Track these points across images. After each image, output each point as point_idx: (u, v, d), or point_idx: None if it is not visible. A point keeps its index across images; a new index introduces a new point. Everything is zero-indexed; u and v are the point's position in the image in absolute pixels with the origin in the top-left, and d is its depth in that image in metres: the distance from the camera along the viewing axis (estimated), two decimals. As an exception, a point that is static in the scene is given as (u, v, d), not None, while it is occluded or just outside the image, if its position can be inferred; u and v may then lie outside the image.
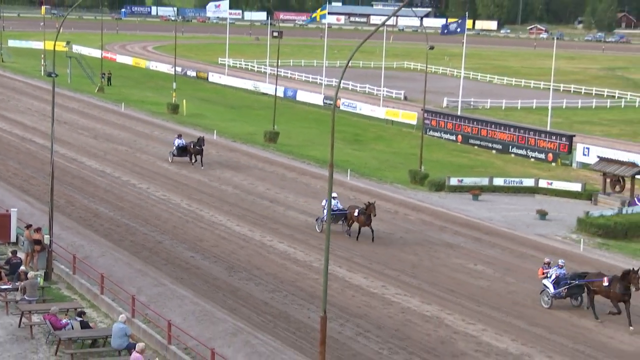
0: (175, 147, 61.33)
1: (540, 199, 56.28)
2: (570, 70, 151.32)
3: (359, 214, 43.63)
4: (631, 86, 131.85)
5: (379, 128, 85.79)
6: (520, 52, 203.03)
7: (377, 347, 30.75)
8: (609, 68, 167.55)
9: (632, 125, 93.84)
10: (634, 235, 48.20)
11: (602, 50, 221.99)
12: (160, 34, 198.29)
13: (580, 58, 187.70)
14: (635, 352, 31.36)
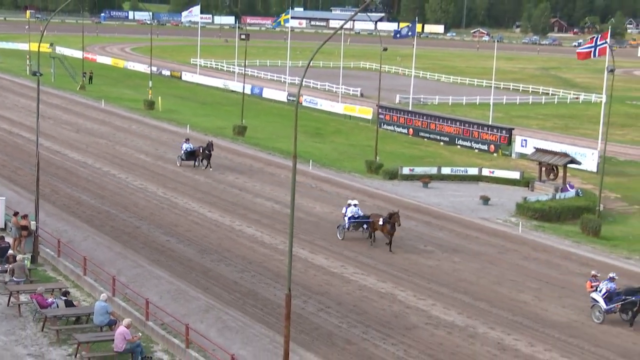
0: (183, 151, 57.31)
1: (483, 186, 56.50)
2: (509, 69, 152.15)
3: (384, 222, 39.97)
4: (563, 84, 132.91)
5: (338, 122, 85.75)
6: (464, 54, 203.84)
7: (337, 321, 30.75)
8: (544, 68, 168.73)
9: (564, 120, 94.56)
10: (566, 218, 48.69)
11: (537, 52, 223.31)
12: (137, 36, 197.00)
13: (518, 59, 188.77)
14: (567, 323, 31.72)
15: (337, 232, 41.85)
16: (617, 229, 47.69)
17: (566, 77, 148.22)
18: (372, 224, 40.84)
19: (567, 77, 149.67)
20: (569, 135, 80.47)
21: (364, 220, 41.45)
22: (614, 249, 43.14)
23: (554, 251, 42.05)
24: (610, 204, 53.38)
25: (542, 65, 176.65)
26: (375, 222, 40.51)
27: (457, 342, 29.34)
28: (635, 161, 69.86)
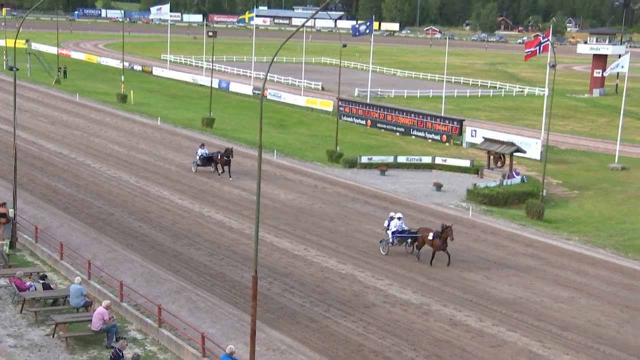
0: (198, 157, 52.47)
1: (436, 173, 56.77)
2: (460, 65, 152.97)
3: (435, 237, 35.65)
4: (509, 78, 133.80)
5: (300, 114, 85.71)
6: (418, 50, 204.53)
7: (301, 301, 30.77)
8: (491, 63, 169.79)
9: (510, 111, 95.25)
10: (512, 203, 49.11)
11: (486, 48, 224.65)
12: (109, 33, 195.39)
13: (468, 55, 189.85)
14: (513, 299, 31.96)
15: (380, 248, 37.41)
16: (558, 212, 48.21)
17: (512, 72, 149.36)
18: (420, 239, 36.47)
19: (512, 71, 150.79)
20: (515, 126, 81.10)
21: (412, 235, 37.07)
22: (556, 231, 43.59)
23: (501, 233, 42.39)
24: (553, 189, 53.92)
25: (490, 60, 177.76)
26: (424, 237, 36.19)
27: (412, 319, 29.49)
28: (575, 150, 70.55)
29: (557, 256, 38.48)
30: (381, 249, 37.39)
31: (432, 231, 36.03)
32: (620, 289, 34.24)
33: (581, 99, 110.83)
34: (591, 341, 28.34)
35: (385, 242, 37.21)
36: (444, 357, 26.39)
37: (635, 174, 60.80)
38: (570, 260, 38.03)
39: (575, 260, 37.97)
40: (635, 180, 58.38)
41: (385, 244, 37.27)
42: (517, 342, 27.90)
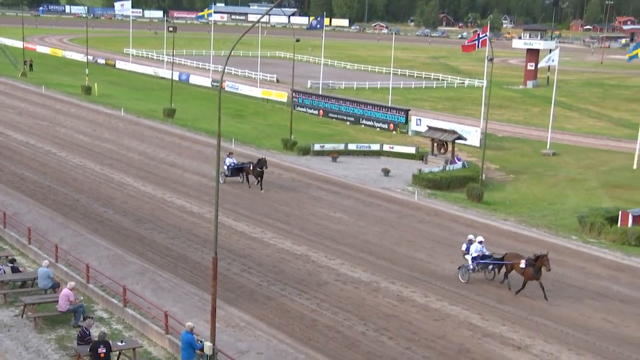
0: (227, 166, 46.21)
1: (384, 159, 56.94)
2: (405, 58, 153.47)
3: (527, 265, 30.14)
4: (450, 71, 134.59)
5: (256, 105, 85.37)
6: (366, 44, 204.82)
7: (258, 280, 30.72)
8: (434, 57, 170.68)
9: (452, 102, 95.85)
10: (454, 187, 49.46)
11: (429, 43, 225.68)
12: (73, 28, 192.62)
13: (413, 49, 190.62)
14: (455, 276, 32.14)
15: (459, 275, 31.93)
16: (496, 195, 48.67)
17: (453, 65, 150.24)
18: (509, 266, 31.05)
19: (454, 65, 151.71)
20: (456, 115, 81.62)
21: (498, 262, 31.66)
22: (494, 212, 44.02)
23: (445, 215, 42.68)
24: (491, 173, 54.41)
25: (433, 54, 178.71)
26: (514, 265, 30.66)
27: (362, 295, 29.60)
28: (511, 137, 71.22)
29: (495, 235, 38.85)
30: (460, 276, 31.83)
31: (523, 258, 30.63)
32: (552, 265, 34.63)
33: (516, 90, 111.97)
34: (525, 312, 28.72)
35: (466, 269, 31.75)
36: (392, 331, 26.54)
37: (565, 159, 61.66)
38: (507, 239, 38.43)
39: (512, 239, 38.38)
40: (565, 165, 59.21)
41: (465, 271, 31.76)
42: (459, 315, 28.18)
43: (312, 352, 24.69)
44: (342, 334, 26.16)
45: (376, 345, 25.44)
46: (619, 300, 30.71)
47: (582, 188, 51.84)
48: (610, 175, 56.02)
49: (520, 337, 26.53)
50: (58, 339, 25.34)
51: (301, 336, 25.82)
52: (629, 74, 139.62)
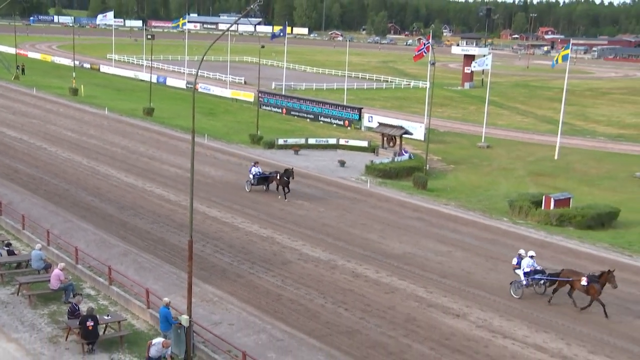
0: (252, 175, 42.34)
1: (340, 152, 57.04)
2: (358, 62, 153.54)
3: (590, 282, 26.31)
4: (398, 74, 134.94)
5: (226, 104, 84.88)
6: (324, 50, 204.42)
7: (229, 260, 30.64)
8: (384, 61, 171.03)
9: (399, 101, 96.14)
10: (402, 176, 49.64)
11: (379, 49, 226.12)
12: (61, 36, 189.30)
13: (365, 54, 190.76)
14: (403, 255, 32.42)
15: (511, 290, 28.03)
16: (438, 182, 49.02)
17: (400, 69, 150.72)
18: (568, 283, 27.14)
19: (401, 68, 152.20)
20: (403, 113, 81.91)
21: (554, 279, 27.68)
22: (437, 198, 44.34)
23: (394, 201, 42.91)
24: (434, 164, 54.77)
25: (383, 59, 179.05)
26: (575, 283, 26.83)
27: (322, 272, 29.67)
28: (451, 132, 71.74)
29: (438, 218, 39.19)
30: (513, 291, 27.96)
31: (583, 275, 26.91)
32: (486, 243, 35.12)
33: (455, 91, 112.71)
34: (464, 285, 29.03)
35: (519, 284, 27.89)
36: (348, 303, 26.65)
37: (498, 151, 62.30)
38: (448, 221, 38.79)
39: (452, 221, 38.75)
40: (498, 156, 59.82)
41: (518, 287, 27.91)
42: (406, 289, 28.38)
43: (277, 322, 24.72)
44: (304, 306, 26.22)
45: (334, 315, 25.55)
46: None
47: (512, 176, 52.45)
48: (535, 165, 56.75)
49: (459, 307, 26.82)
50: (50, 314, 25.07)
51: (268, 309, 25.82)
52: (550, 77, 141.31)
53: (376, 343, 23.51)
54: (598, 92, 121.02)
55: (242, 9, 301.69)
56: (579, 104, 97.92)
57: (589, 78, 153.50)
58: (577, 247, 35.21)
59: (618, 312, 27.03)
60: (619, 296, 28.57)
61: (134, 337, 23.30)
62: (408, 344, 23.56)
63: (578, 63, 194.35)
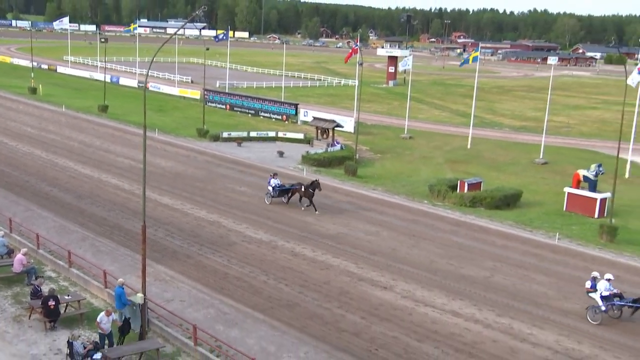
0: (272, 187, 37.31)
1: (279, 144, 56.87)
2: (294, 63, 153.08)
3: None
4: (329, 73, 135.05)
5: (175, 102, 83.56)
6: (263, 52, 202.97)
7: (180, 243, 30.28)
8: (317, 62, 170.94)
9: (332, 97, 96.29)
10: (334, 164, 49.73)
11: (312, 51, 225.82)
12: (20, 39, 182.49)
13: (300, 56, 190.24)
14: (336, 234, 32.54)
15: (588, 316, 23.90)
16: (367, 170, 49.35)
17: (332, 68, 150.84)
18: None
19: (332, 68, 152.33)
20: (335, 108, 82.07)
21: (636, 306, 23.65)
22: (365, 184, 44.67)
23: (327, 187, 42.85)
24: (363, 153, 55.14)
25: (316, 60, 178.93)
26: None
27: (264, 252, 29.59)
28: (377, 125, 72.24)
29: (367, 202, 39.50)
30: (590, 317, 23.82)
31: None
32: (409, 223, 35.58)
33: (381, 88, 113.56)
34: (390, 261, 29.38)
35: (597, 310, 23.82)
36: (288, 279, 26.66)
37: (419, 141, 63.09)
38: (376, 204, 39.13)
39: (379, 204, 39.11)
40: (419, 146, 60.59)
41: (596, 312, 23.81)
42: (340, 265, 28.55)
43: (224, 298, 24.57)
44: (248, 283, 26.12)
45: (275, 291, 25.53)
46: (458, 247, 31.79)
47: (431, 163, 53.21)
48: (451, 154, 57.70)
49: (386, 280, 27.12)
50: (14, 295, 24.37)
51: (215, 286, 25.64)
52: (463, 76, 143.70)
53: (314, 314, 23.61)
54: (503, 89, 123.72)
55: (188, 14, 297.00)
56: (488, 100, 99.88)
57: (495, 77, 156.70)
58: (487, 225, 36.02)
59: (521, 280, 27.80)
60: (520, 265, 29.39)
61: (93, 314, 22.77)
62: (342, 314, 23.74)
63: (486, 64, 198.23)
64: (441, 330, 22.72)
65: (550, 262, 30.33)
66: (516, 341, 22.22)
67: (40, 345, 21.04)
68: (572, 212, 38.83)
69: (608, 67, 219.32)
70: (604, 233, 34.00)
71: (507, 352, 21.42)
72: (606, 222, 34.87)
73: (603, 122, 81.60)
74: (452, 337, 22.25)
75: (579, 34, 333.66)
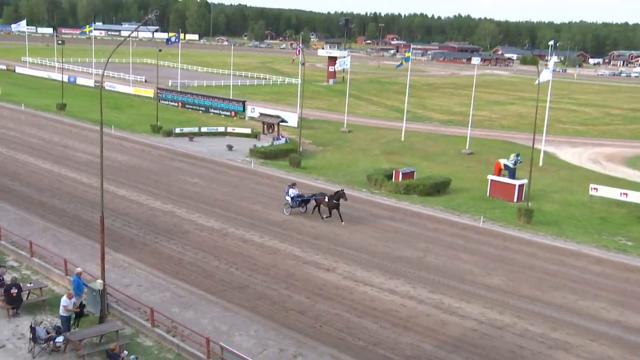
0: (290, 197, 33.88)
1: (229, 139, 56.34)
2: (242, 63, 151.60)
3: None
4: (274, 72, 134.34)
5: (130, 100, 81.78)
6: (213, 53, 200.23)
7: (136, 232, 29.72)
8: (263, 62, 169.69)
9: (276, 95, 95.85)
10: (280, 157, 49.50)
11: (258, 52, 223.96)
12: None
13: (247, 56, 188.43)
14: (282, 222, 32.42)
15: None
16: (310, 161, 49.37)
17: (276, 68, 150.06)
18: None
19: (277, 67, 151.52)
20: (280, 105, 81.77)
21: None
22: (309, 174, 44.69)
23: (274, 177, 42.91)
24: (306, 146, 55.13)
25: (261, 60, 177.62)
26: None
27: (215, 239, 29.33)
28: (319, 119, 72.32)
29: (310, 191, 39.39)
30: None
31: None
32: (349, 209, 35.67)
33: (322, 86, 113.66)
34: (332, 244, 29.50)
35: None
36: (238, 263, 26.50)
37: (357, 134, 63.47)
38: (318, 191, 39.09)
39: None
40: (357, 139, 60.95)
41: None
42: (286, 250, 28.52)
43: (180, 282, 24.25)
44: (202, 268, 25.86)
45: (227, 274, 25.35)
46: (394, 232, 32.15)
47: (369, 155, 53.63)
48: (387, 146, 58.27)
49: (329, 262, 27.23)
50: (-23, 286, 23.47)
51: (171, 271, 25.28)
52: (396, 75, 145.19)
53: (262, 295, 23.55)
54: (433, 86, 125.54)
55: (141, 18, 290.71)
56: (419, 96, 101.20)
57: (425, 75, 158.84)
58: (420, 210, 36.56)
59: (450, 259, 28.34)
60: (450, 246, 29.97)
61: (55, 300, 22.20)
62: (288, 294, 23.74)
63: (417, 64, 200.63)
64: (379, 307, 22.97)
65: (475, 242, 31.01)
66: (446, 314, 22.66)
67: (3, 330, 20.38)
68: (495, 197, 39.76)
69: (523, 67, 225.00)
70: (522, 215, 34.95)
71: (438, 324, 21.83)
72: (524, 206, 35.85)
73: (520, 116, 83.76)
74: (389, 313, 22.53)
75: (498, 37, 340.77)
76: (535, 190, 40.81)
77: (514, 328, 21.82)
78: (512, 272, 27.18)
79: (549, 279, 26.61)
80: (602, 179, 45.83)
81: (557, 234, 32.99)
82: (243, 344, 19.66)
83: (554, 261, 28.81)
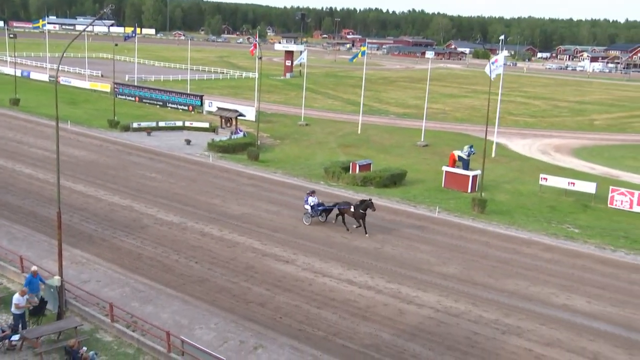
0: (310, 206, 31.15)
1: (186, 133, 55.73)
2: (199, 57, 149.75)
3: None
4: (231, 67, 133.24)
5: (86, 95, 79.97)
6: (169, 48, 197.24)
7: (95, 227, 29.12)
8: (220, 56, 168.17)
9: (234, 89, 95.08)
10: (238, 151, 49.20)
11: (215, 46, 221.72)
12: None
13: (204, 51, 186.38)
14: (241, 215, 32.17)
15: None
16: (268, 155, 49.23)
17: (234, 62, 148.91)
18: None
19: (234, 62, 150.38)
20: (238, 99, 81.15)
21: None
22: (267, 167, 44.54)
23: (232, 171, 42.61)
24: (264, 140, 54.93)
25: (219, 54, 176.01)
26: None
27: (175, 234, 28.96)
28: (276, 113, 72.06)
29: (269, 184, 39.38)
30: None
31: None
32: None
33: (279, 80, 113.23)
34: (291, 237, 29.46)
35: None
36: (198, 257, 26.23)
37: (314, 128, 63.50)
38: (277, 186, 39.09)
39: (280, 186, 39.09)
40: (314, 132, 60.98)
41: None
42: (245, 243, 28.36)
43: (139, 277, 23.88)
44: (161, 262, 25.51)
45: (186, 268, 25.07)
46: (350, 222, 32.27)
47: (326, 148, 53.71)
48: (343, 139, 58.46)
49: (288, 254, 27.20)
50: None
51: (130, 266, 24.87)
52: (352, 69, 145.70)
53: (222, 288, 23.37)
54: (388, 80, 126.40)
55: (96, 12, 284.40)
56: (375, 90, 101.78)
57: (381, 69, 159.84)
58: (376, 202, 36.71)
59: (407, 249, 28.63)
60: (406, 236, 30.26)
61: (10, 298, 21.58)
62: (248, 287, 23.63)
63: (372, 58, 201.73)
64: (338, 297, 23.05)
65: (431, 232, 31.39)
66: (404, 304, 22.89)
67: (-43, 331, 19.70)
68: (450, 188, 40.31)
69: (476, 61, 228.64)
70: (475, 205, 35.53)
71: (396, 313, 22.04)
72: (477, 196, 36.45)
73: (473, 109, 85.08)
74: (348, 303, 22.64)
75: (451, 31, 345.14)
76: (488, 181, 41.54)
77: (469, 315, 22.18)
78: (467, 260, 27.62)
79: (501, 266, 27.14)
80: (551, 169, 46.95)
81: (509, 223, 33.65)
82: (203, 337, 19.49)
83: (506, 249, 29.39)
